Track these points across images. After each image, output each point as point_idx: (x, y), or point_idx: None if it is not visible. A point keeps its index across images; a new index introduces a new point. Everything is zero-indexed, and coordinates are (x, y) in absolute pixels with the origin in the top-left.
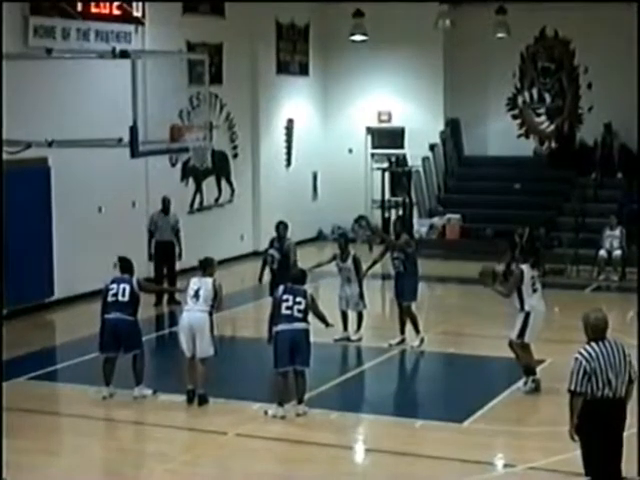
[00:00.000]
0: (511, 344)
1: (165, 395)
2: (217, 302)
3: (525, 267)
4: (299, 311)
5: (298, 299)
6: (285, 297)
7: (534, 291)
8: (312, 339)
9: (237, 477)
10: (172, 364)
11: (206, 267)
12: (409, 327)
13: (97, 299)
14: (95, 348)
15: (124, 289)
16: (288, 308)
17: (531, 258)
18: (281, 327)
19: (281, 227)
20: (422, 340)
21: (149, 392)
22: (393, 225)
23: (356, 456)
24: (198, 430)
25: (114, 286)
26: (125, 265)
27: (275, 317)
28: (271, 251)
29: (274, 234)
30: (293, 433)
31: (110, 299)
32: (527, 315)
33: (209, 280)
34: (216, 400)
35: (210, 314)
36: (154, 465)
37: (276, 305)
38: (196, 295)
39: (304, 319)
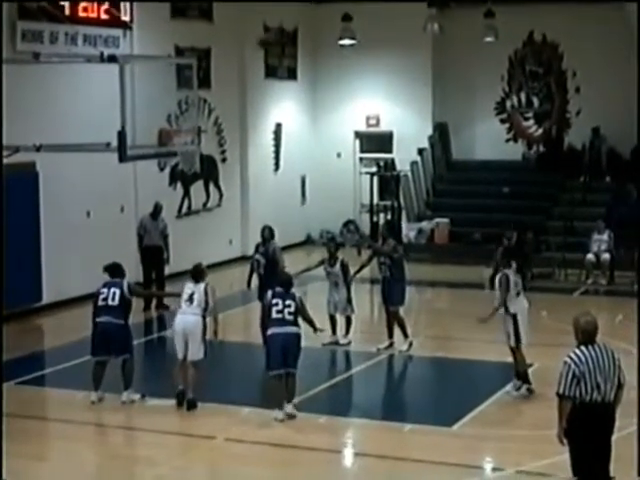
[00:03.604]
0: (512, 350)
1: (154, 400)
2: (210, 307)
3: (508, 271)
4: (289, 314)
5: (288, 302)
6: (275, 301)
7: (517, 294)
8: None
9: None
10: (161, 368)
11: (197, 275)
12: (397, 331)
13: (86, 304)
14: (84, 352)
15: (114, 293)
16: (279, 312)
17: (514, 262)
18: (273, 331)
19: (266, 231)
20: (410, 344)
21: (137, 397)
22: (381, 230)
23: (345, 460)
24: (187, 435)
25: (105, 290)
26: (114, 270)
27: (266, 321)
28: (257, 256)
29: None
30: (282, 437)
31: (100, 303)
32: (514, 318)
33: (202, 285)
34: (205, 404)
35: (203, 318)
36: (144, 470)
37: (266, 310)
38: (190, 299)
39: (295, 322)
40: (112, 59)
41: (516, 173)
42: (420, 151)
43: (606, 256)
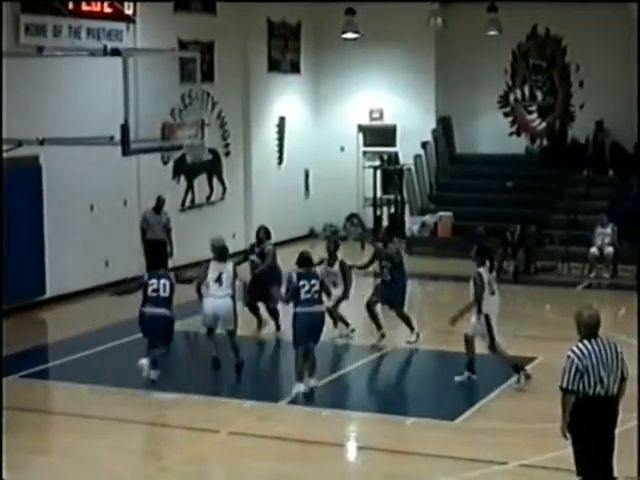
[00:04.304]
0: (492, 348)
1: (158, 393)
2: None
3: (482, 270)
4: (315, 292)
5: (313, 281)
6: (302, 283)
7: (492, 293)
8: None
9: (230, 475)
10: (165, 362)
11: (223, 254)
12: (402, 326)
13: (89, 297)
14: (87, 346)
15: (164, 285)
16: (307, 292)
17: (487, 261)
18: (300, 309)
19: (261, 232)
20: (418, 335)
21: (155, 374)
22: (381, 235)
23: (348, 454)
24: (190, 428)
25: (154, 281)
26: (158, 261)
27: (294, 300)
28: (252, 257)
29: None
30: (285, 431)
31: (151, 294)
32: (487, 318)
33: (229, 265)
34: (208, 398)
35: (233, 298)
36: (148, 463)
37: (294, 291)
38: (219, 280)
39: (320, 299)
40: (115, 53)
41: (519, 167)
42: (423, 145)
43: (609, 250)
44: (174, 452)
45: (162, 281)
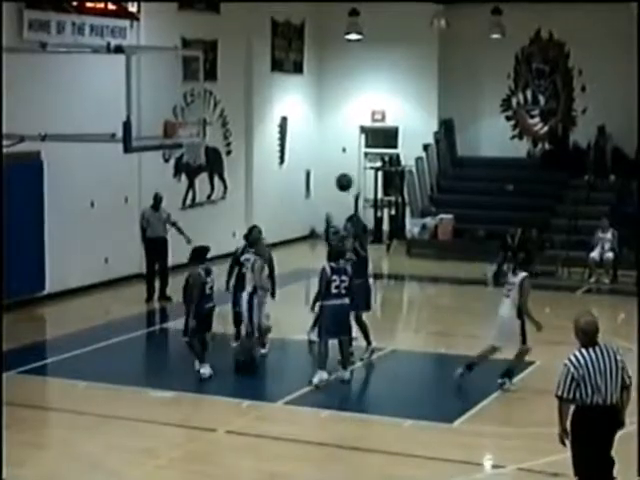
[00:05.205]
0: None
1: (155, 391)
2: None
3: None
4: (345, 288)
5: (343, 277)
6: (334, 277)
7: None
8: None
9: (227, 474)
10: (162, 361)
11: (252, 243)
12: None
13: (88, 294)
14: (86, 342)
15: (213, 280)
16: (336, 287)
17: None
18: (327, 302)
19: (255, 231)
20: (372, 352)
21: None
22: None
23: (345, 455)
24: (188, 427)
25: (210, 279)
26: (205, 254)
27: (323, 293)
28: (248, 256)
29: (262, 236)
30: (282, 431)
31: (208, 292)
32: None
33: (252, 260)
34: (206, 397)
35: (251, 295)
36: (144, 461)
37: (324, 284)
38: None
39: (347, 294)
40: (119, 50)
41: (521, 170)
42: (425, 147)
43: (609, 255)
44: (171, 450)
45: (212, 277)
